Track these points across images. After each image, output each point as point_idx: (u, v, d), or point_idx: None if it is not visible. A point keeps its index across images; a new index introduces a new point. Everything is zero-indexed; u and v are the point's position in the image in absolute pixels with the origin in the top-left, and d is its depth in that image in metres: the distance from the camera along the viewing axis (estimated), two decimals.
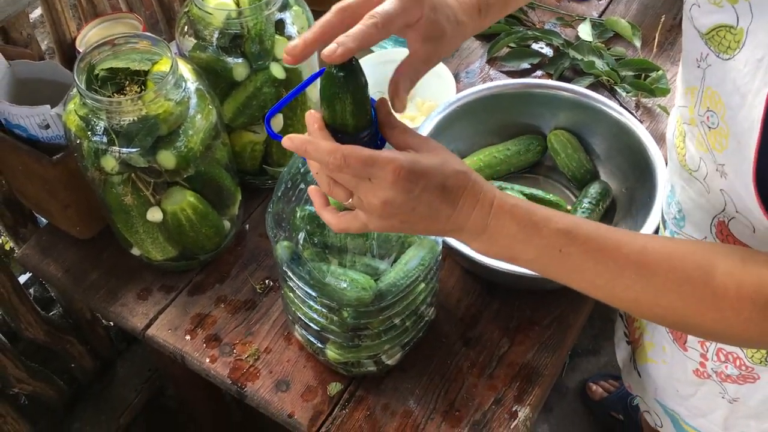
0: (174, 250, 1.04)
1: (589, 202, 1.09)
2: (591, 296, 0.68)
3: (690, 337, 0.92)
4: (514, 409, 0.95)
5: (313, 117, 0.66)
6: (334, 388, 0.96)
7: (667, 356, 0.98)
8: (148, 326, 1.03)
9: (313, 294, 0.84)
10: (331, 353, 0.93)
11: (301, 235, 0.82)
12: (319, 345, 0.94)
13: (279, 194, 0.84)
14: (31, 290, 1.43)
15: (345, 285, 0.81)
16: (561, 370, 1.02)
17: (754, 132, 0.62)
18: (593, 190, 1.10)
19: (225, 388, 1.00)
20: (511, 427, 0.93)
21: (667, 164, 0.91)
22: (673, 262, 0.62)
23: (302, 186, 0.81)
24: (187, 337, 1.02)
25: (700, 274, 0.61)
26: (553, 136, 1.15)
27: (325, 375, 0.98)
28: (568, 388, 1.85)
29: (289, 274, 0.85)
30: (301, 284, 0.84)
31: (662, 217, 0.97)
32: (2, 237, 1.37)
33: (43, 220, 1.27)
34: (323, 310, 0.87)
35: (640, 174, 1.07)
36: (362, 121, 0.66)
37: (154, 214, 0.97)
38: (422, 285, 0.88)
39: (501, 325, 1.03)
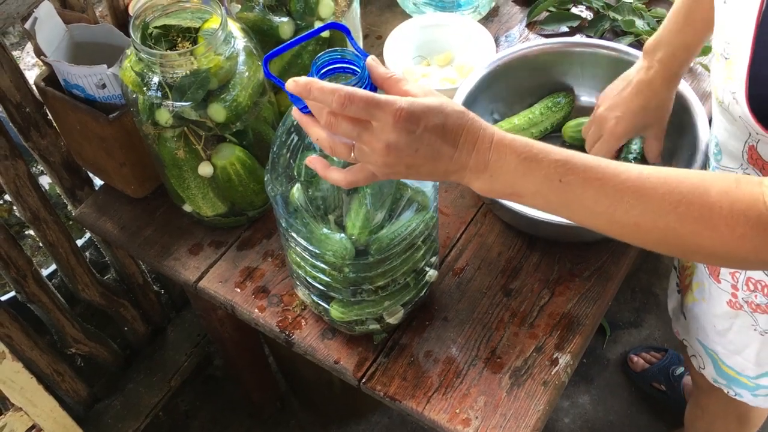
0: (224, 206, 1.08)
1: (634, 158, 1.09)
2: (589, 227, 0.69)
3: (723, 269, 0.94)
4: (554, 356, 0.97)
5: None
6: (378, 336, 0.99)
7: (706, 293, 1.00)
8: (199, 279, 1.08)
9: (315, 250, 0.86)
10: (335, 312, 0.94)
11: (297, 189, 0.85)
12: (324, 305, 0.96)
13: (275, 149, 0.85)
14: (87, 254, 1.49)
15: (336, 237, 0.84)
16: (600, 320, 1.03)
17: (746, 51, 0.69)
18: (635, 146, 1.11)
19: (273, 336, 1.03)
20: (552, 373, 0.95)
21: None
22: (670, 185, 0.64)
23: (295, 138, 0.83)
24: (237, 290, 1.06)
25: (695, 194, 0.64)
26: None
27: None
28: (609, 360, 1.85)
29: (291, 233, 0.87)
30: (301, 240, 0.87)
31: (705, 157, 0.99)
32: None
33: (99, 182, 1.32)
34: (326, 267, 0.89)
35: (681, 131, 1.07)
36: None
37: (205, 169, 1.01)
38: (419, 243, 0.89)
39: (541, 277, 1.04)
